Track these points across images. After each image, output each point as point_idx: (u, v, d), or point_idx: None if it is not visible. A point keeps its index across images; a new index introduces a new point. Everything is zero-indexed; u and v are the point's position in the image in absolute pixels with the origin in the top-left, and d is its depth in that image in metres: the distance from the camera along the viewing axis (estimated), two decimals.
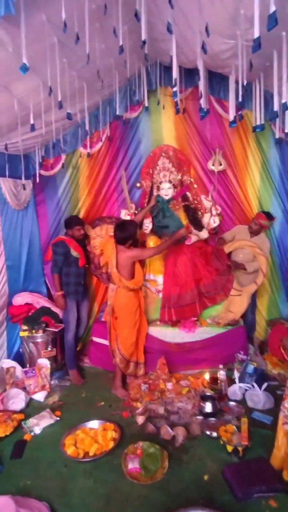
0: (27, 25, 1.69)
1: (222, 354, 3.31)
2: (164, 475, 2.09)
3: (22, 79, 2.20)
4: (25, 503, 1.82)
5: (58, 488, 2.06)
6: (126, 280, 2.99)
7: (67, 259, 3.31)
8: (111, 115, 3.48)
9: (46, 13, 1.80)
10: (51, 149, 3.53)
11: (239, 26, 2.03)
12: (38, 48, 1.96)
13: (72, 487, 2.07)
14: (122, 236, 2.95)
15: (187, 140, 3.76)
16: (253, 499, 1.88)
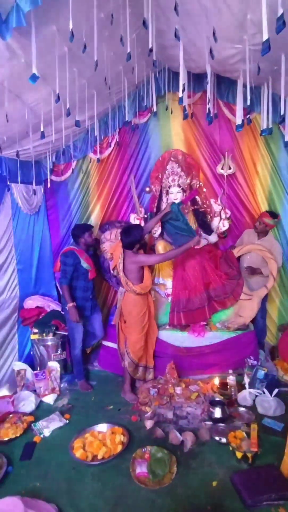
0: (38, 36, 1.74)
1: (232, 359, 3.28)
2: (172, 480, 2.08)
3: (34, 88, 2.27)
4: (33, 504, 1.83)
5: (66, 490, 2.07)
6: (133, 284, 3.00)
7: (76, 271, 3.16)
8: (120, 121, 3.54)
9: (56, 23, 1.85)
10: (61, 155, 3.60)
11: (246, 31, 2.05)
12: (49, 58, 2.02)
13: (80, 489, 2.07)
14: (127, 241, 2.94)
15: (196, 144, 3.78)
16: (262, 507, 1.85)
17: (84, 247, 3.29)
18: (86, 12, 1.84)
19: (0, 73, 1.92)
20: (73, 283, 3.19)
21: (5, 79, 1.99)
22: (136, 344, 3.10)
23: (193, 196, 3.70)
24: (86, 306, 3.28)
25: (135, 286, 3.00)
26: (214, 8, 1.95)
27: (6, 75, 1.97)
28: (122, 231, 3.02)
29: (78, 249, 3.21)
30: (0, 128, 2.55)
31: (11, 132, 2.63)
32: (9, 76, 1.99)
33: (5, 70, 1.91)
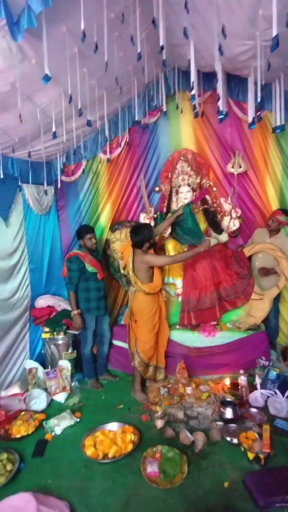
0: (49, 37, 1.76)
1: (243, 360, 3.25)
2: (183, 480, 2.07)
3: (45, 90, 2.30)
4: (45, 500, 1.85)
5: (77, 487, 2.08)
6: (142, 284, 3.00)
7: (84, 274, 3.12)
8: (130, 121, 3.55)
9: (67, 24, 1.87)
10: (72, 155, 3.63)
11: (257, 27, 2.03)
12: (59, 58, 2.04)
13: (91, 487, 2.08)
14: (136, 240, 2.93)
15: (206, 143, 3.76)
16: (275, 509, 1.83)
17: (87, 249, 3.21)
18: (96, 13, 1.85)
19: (12, 74, 1.95)
20: (85, 285, 3.16)
21: (17, 81, 2.01)
22: (146, 344, 3.10)
23: (203, 195, 3.68)
24: (100, 305, 3.27)
25: (144, 286, 3.00)
26: (225, 5, 1.94)
27: (18, 76, 1.99)
28: (131, 230, 3.02)
29: (82, 253, 3.15)
30: (13, 129, 2.59)
31: (23, 133, 2.67)
32: (21, 77, 2.02)
33: (17, 71, 1.94)
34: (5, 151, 2.82)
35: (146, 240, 2.94)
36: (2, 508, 1.78)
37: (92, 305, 3.20)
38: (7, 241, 3.08)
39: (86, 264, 3.12)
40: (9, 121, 2.41)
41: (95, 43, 1.80)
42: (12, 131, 2.60)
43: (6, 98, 2.14)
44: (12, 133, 2.64)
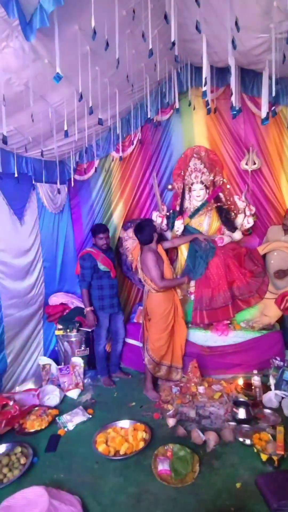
0: (61, 36, 1.77)
1: (257, 360, 3.19)
2: (194, 479, 2.05)
3: (57, 89, 2.31)
4: (57, 495, 1.88)
5: (89, 483, 2.10)
6: (150, 282, 2.99)
7: (97, 272, 3.17)
8: (142, 119, 3.53)
9: (79, 22, 1.88)
10: (84, 154, 3.65)
11: (272, 19, 1.98)
12: (71, 57, 2.05)
13: (103, 483, 2.10)
14: (143, 237, 2.96)
15: (219, 140, 3.71)
16: None
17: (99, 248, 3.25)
18: (108, 10, 1.85)
19: (25, 74, 1.97)
20: (98, 282, 3.21)
21: (29, 80, 2.04)
22: (156, 342, 3.09)
23: (217, 193, 3.63)
24: (114, 303, 3.30)
25: (153, 283, 2.99)
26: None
27: (30, 76, 2.02)
28: (135, 229, 3.04)
29: (95, 251, 3.20)
30: (26, 129, 2.62)
31: (36, 133, 2.70)
32: (34, 77, 2.04)
33: (30, 71, 1.96)
34: (19, 151, 2.87)
35: (153, 234, 2.96)
36: (15, 500, 1.82)
37: (106, 303, 3.23)
38: (22, 239, 3.14)
39: (98, 262, 3.16)
40: (23, 120, 2.44)
41: (106, 40, 1.79)
42: (25, 130, 2.64)
43: (19, 98, 2.16)
44: (26, 133, 2.68)
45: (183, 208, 3.73)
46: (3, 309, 2.86)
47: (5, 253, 2.91)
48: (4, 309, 2.87)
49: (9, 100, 2.03)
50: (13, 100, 2.12)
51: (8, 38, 1.69)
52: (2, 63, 1.80)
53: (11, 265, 2.98)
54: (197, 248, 3.46)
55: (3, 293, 2.86)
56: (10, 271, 2.96)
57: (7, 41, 1.70)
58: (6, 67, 1.87)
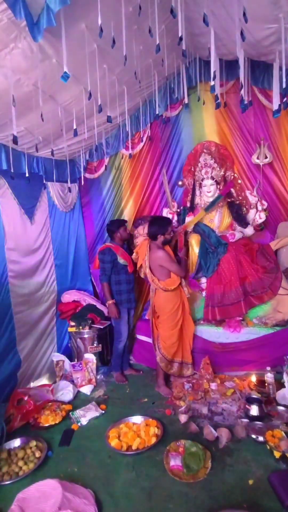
0: (68, 35, 1.79)
1: (270, 356, 3.15)
2: (206, 475, 2.05)
3: (66, 88, 2.34)
4: (71, 488, 1.91)
5: (102, 477, 2.13)
6: (159, 281, 2.99)
7: (115, 267, 3.25)
8: (151, 115, 3.52)
9: (85, 21, 1.89)
10: (94, 152, 3.68)
11: (281, 9, 1.94)
12: (79, 56, 2.06)
13: (115, 478, 2.13)
14: (153, 229, 2.98)
15: (230, 134, 3.66)
16: None
17: (120, 242, 3.36)
18: (114, 7, 1.85)
19: (34, 74, 2.00)
20: (116, 277, 3.27)
21: (38, 80, 2.06)
22: (167, 340, 3.09)
23: (229, 188, 3.59)
24: (131, 297, 3.38)
25: (161, 283, 2.99)
26: None
27: (39, 76, 2.04)
28: (150, 221, 3.06)
29: (114, 246, 3.28)
30: (36, 129, 2.66)
31: (46, 132, 2.73)
32: (42, 77, 2.06)
33: (38, 71, 1.99)
34: (30, 151, 2.91)
35: (162, 232, 2.96)
36: (30, 493, 1.86)
37: (124, 298, 3.29)
38: (31, 238, 3.19)
39: (118, 256, 3.24)
40: (33, 120, 2.48)
41: (112, 38, 1.80)
42: (36, 130, 2.68)
43: (29, 98, 2.20)
44: (36, 133, 2.72)
45: (194, 205, 3.71)
46: (13, 306, 2.92)
47: (15, 252, 2.97)
48: (14, 306, 2.94)
49: (19, 101, 2.06)
50: (23, 100, 2.15)
51: (17, 39, 1.72)
52: (11, 64, 1.83)
53: (21, 263, 3.04)
54: (207, 245, 3.43)
55: (12, 291, 2.92)
56: (19, 269, 3.02)
57: (15, 42, 1.73)
58: (16, 68, 1.90)
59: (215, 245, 3.41)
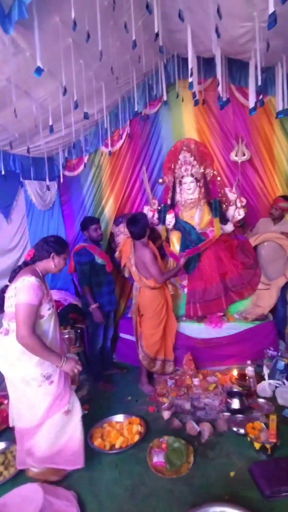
0: (41, 28, 1.74)
1: (251, 350, 3.22)
2: (189, 470, 2.08)
3: (41, 83, 2.28)
4: (53, 491, 1.89)
5: (85, 478, 2.11)
6: (146, 279, 2.97)
7: (94, 267, 3.04)
8: (130, 112, 3.50)
9: (59, 14, 1.84)
10: (73, 149, 3.62)
11: (255, 7, 1.96)
12: (54, 50, 2.01)
13: (99, 477, 2.11)
14: (137, 230, 2.87)
15: (209, 132, 3.69)
16: (281, 498, 1.82)
17: (92, 241, 3.16)
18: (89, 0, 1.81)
19: (7, 68, 1.94)
20: (96, 279, 3.09)
21: (11, 75, 2.00)
22: (150, 338, 3.09)
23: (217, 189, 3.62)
24: (113, 299, 3.26)
25: (149, 281, 2.97)
26: None
27: (12, 70, 1.98)
28: (128, 223, 2.95)
29: (89, 245, 3.10)
30: (11, 125, 2.58)
31: (22, 129, 2.66)
32: (16, 71, 2.00)
33: (11, 66, 1.93)
34: (5, 148, 2.83)
35: (146, 228, 2.90)
36: (11, 498, 1.82)
37: (105, 300, 3.14)
38: (6, 238, 3.10)
39: (96, 256, 3.06)
40: (8, 117, 2.41)
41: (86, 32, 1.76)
42: (11, 127, 2.60)
43: (2, 93, 2.13)
44: (12, 129, 2.64)
45: (175, 202, 3.72)
46: None
47: None
48: None
49: None
50: None
51: None
52: None
53: None
54: (188, 242, 3.46)
55: None
56: None
57: None
58: None
59: (195, 241, 3.44)
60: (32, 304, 1.79)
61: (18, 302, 1.79)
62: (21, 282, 1.82)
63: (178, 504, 1.87)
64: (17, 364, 1.85)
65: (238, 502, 1.78)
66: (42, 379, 1.88)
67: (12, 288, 1.86)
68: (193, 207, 3.62)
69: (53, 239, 2.06)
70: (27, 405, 1.92)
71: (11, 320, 1.85)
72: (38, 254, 1.99)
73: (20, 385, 1.89)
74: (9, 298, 1.86)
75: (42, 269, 2.00)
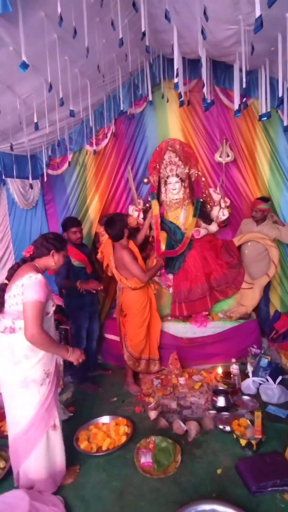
0: (26, 23, 1.69)
1: (235, 348, 3.27)
2: (176, 469, 2.08)
3: (25, 79, 2.22)
4: (39, 496, 1.84)
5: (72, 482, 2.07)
6: (126, 280, 2.96)
7: (72, 269, 2.99)
8: (115, 111, 3.48)
9: (45, 9, 1.80)
10: (57, 148, 3.55)
11: (240, 11, 1.99)
12: (38, 45, 1.97)
13: (85, 481, 2.09)
14: (114, 232, 2.87)
15: (193, 133, 3.72)
16: (267, 493, 1.85)
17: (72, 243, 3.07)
18: None
19: None
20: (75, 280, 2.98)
21: None
22: (134, 338, 3.09)
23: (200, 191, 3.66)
24: (94, 300, 3.22)
25: (129, 281, 2.96)
26: None
27: None
28: (105, 224, 2.94)
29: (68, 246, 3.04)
30: None
31: (4, 126, 2.59)
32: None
33: None
34: None
35: (124, 228, 2.88)
36: None
37: (87, 300, 3.10)
38: None
39: (71, 258, 3.00)
40: None
41: (74, 28, 1.73)
42: None
43: None
44: None
45: (160, 201, 3.73)
46: None
47: None
48: None
49: None
50: None
51: None
52: None
53: None
54: (173, 242, 3.47)
55: None
56: None
57: None
58: None
59: (180, 241, 3.46)
60: (42, 301, 1.77)
61: (28, 300, 1.75)
62: (28, 279, 1.78)
63: (167, 503, 1.87)
64: (23, 362, 1.81)
65: (225, 499, 1.80)
66: (44, 376, 1.86)
67: (18, 285, 1.80)
68: (178, 207, 3.64)
69: (53, 236, 2.03)
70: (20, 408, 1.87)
71: (17, 318, 1.81)
72: (37, 251, 1.96)
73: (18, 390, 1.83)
74: (14, 296, 1.80)
75: (42, 266, 1.97)
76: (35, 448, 1.86)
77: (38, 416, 1.84)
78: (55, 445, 1.96)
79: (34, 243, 2.01)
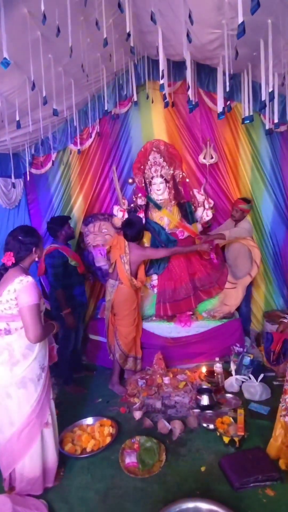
0: (8, 19, 1.66)
1: (218, 347, 3.32)
2: (161, 468, 2.10)
3: (7, 76, 2.17)
4: (22, 501, 1.81)
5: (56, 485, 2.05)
6: (134, 280, 3.02)
7: (66, 269, 2.95)
8: (100, 111, 3.46)
9: (27, 5, 1.77)
10: (40, 146, 3.50)
11: (224, 15, 2.02)
12: (21, 43, 1.93)
13: (69, 483, 2.07)
14: (134, 233, 2.98)
15: (178, 134, 3.75)
16: (249, 489, 1.90)
17: (64, 241, 3.08)
18: None
19: None
20: (67, 281, 2.97)
21: None
22: (127, 336, 3.12)
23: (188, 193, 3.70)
24: (84, 300, 3.24)
25: (137, 281, 3.03)
26: None
27: None
28: (124, 225, 3.04)
29: (61, 246, 2.99)
30: None
31: None
32: None
33: None
34: None
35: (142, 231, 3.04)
36: None
37: (77, 302, 3.08)
38: None
39: (69, 258, 2.98)
40: None
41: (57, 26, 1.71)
42: None
43: None
44: None
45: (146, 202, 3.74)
46: None
47: None
48: None
49: None
50: None
51: None
52: None
53: None
54: (158, 242, 3.49)
55: None
56: None
57: None
58: None
59: (165, 242, 3.49)
60: (37, 304, 1.82)
61: (24, 305, 1.78)
62: (20, 284, 1.78)
63: (151, 503, 1.88)
64: (21, 362, 1.84)
65: (209, 496, 1.82)
66: (40, 372, 1.91)
67: (10, 290, 1.79)
68: (163, 208, 3.66)
69: (23, 234, 1.98)
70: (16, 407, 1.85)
71: (11, 320, 1.83)
72: (18, 255, 1.93)
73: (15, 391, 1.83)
74: (7, 301, 1.80)
75: (27, 265, 1.99)
76: (32, 447, 1.87)
77: (33, 414, 1.86)
78: (48, 442, 1.97)
79: (12, 249, 1.93)
